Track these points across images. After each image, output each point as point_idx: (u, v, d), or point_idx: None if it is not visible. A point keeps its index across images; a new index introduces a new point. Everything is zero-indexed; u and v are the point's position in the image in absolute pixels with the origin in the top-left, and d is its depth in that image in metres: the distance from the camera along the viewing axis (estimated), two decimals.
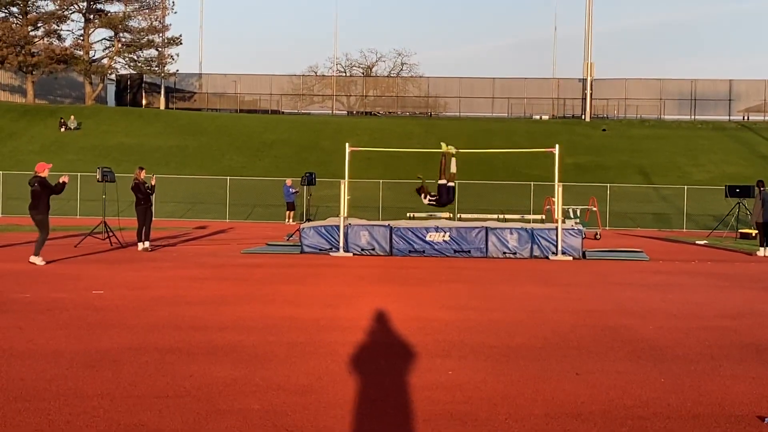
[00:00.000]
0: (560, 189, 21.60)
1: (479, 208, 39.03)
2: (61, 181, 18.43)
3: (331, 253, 20.97)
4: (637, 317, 10.67)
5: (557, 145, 22.82)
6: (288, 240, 24.93)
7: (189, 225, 36.19)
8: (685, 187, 43.97)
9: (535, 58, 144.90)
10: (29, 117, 65.20)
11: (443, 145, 22.74)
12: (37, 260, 17.42)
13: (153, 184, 21.84)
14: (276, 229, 33.29)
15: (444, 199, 22.20)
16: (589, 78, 69.54)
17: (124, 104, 76.00)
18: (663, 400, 6.15)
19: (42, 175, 18.09)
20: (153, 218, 21.89)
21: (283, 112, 77.57)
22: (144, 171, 22.24)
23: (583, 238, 21.23)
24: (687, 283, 15.56)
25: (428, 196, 22.41)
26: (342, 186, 21.59)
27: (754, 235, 31.13)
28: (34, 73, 72.00)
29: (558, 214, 21.12)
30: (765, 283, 15.79)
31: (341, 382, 6.57)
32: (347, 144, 23.04)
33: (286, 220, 39.24)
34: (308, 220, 26.07)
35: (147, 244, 21.37)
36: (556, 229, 20.74)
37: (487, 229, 21.15)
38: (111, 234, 21.89)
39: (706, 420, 5.60)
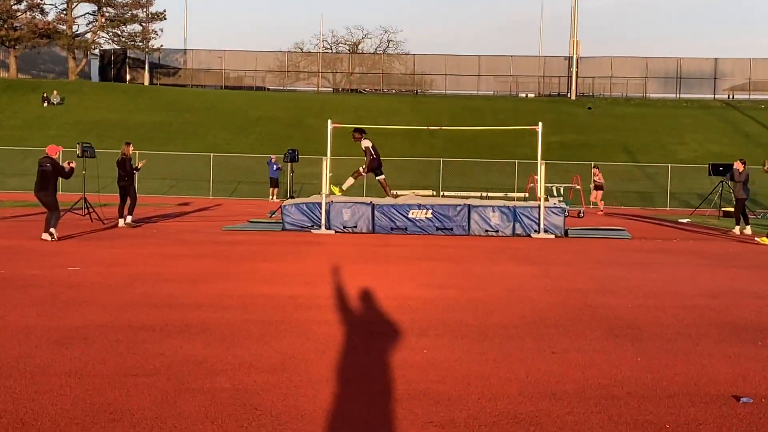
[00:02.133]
0: (543, 167, 21.51)
1: (464, 186, 39.42)
2: (68, 165, 18.62)
3: (312, 231, 20.85)
4: (616, 295, 10.65)
5: (540, 123, 22.68)
6: (270, 217, 24.81)
7: (172, 201, 36.03)
8: (669, 165, 44.02)
9: (521, 36, 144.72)
10: (11, 92, 64.74)
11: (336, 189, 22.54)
12: (52, 235, 17.40)
13: (139, 167, 21.73)
14: (260, 207, 33.08)
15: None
16: (575, 56, 69.54)
17: (107, 80, 75.48)
18: (639, 379, 6.14)
19: (53, 156, 18.24)
20: (137, 195, 21.76)
21: (268, 89, 77.32)
22: (131, 146, 22.06)
23: (565, 216, 21.21)
24: (668, 262, 15.64)
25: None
26: (324, 163, 21.45)
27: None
28: (16, 47, 71.64)
29: (540, 192, 21.07)
30: (744, 262, 15.88)
31: (314, 361, 6.53)
32: (329, 121, 22.96)
33: (270, 197, 39.08)
34: (291, 197, 25.94)
35: (129, 219, 21.25)
36: (539, 207, 20.73)
37: (469, 206, 21.07)
38: (91, 210, 21.78)
39: (682, 399, 5.60)
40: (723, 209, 31.28)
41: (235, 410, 5.10)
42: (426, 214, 21.12)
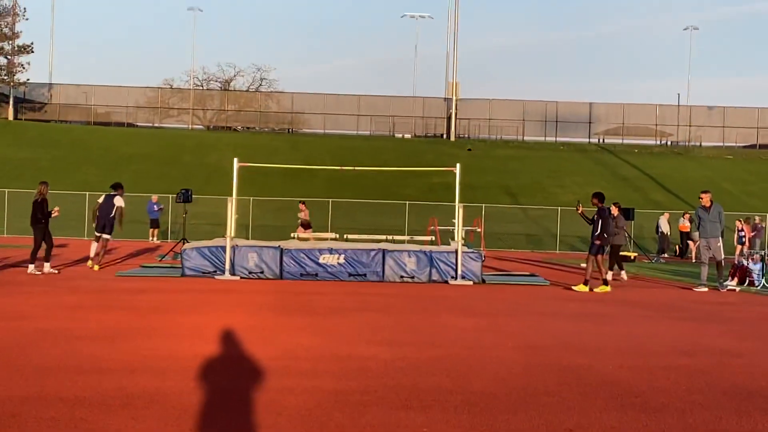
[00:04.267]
0: (461, 210, 21.27)
1: (353, 228, 38.74)
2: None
3: (215, 276, 19.92)
4: (586, 354, 10.19)
5: (458, 165, 22.81)
6: (161, 261, 23.61)
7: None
8: (559, 208, 44.73)
9: (400, 76, 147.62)
10: None
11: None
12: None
13: (55, 214, 20.91)
14: (138, 247, 31.90)
15: None
16: (454, 98, 70.78)
17: None
18: None
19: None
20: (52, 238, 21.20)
21: (137, 125, 75.76)
22: (48, 186, 21.40)
23: (482, 262, 20.89)
24: (609, 313, 15.50)
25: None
26: (229, 204, 20.57)
27: (632, 258, 31.65)
28: None
29: (458, 237, 20.61)
30: (685, 313, 15.91)
31: None
32: (235, 159, 22.01)
33: (150, 237, 37.58)
34: (184, 240, 24.82)
35: (48, 266, 20.49)
36: (456, 252, 20.27)
37: (384, 251, 20.52)
38: None
39: None
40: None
41: None
42: (338, 259, 20.43)
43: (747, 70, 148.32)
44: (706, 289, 20.15)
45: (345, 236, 26.05)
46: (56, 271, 20.62)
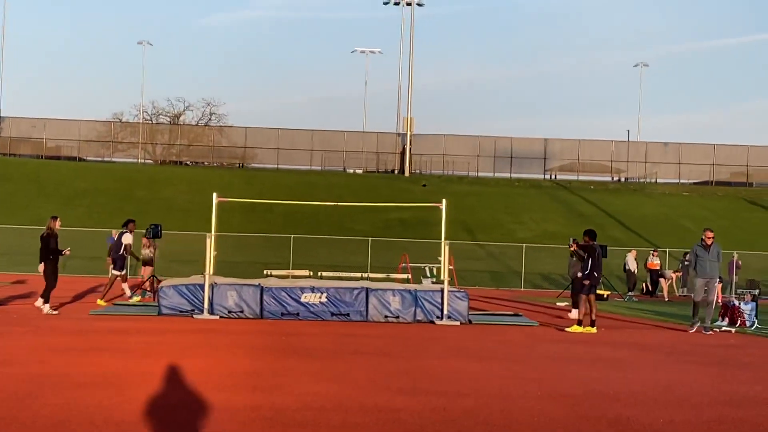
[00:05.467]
0: (447, 247, 21.06)
1: (311, 264, 38.52)
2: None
3: (194, 316, 19.60)
4: (626, 405, 9.83)
5: (444, 200, 22.66)
6: (129, 298, 23.44)
7: (3, 279, 33.86)
8: (523, 245, 45.12)
9: (352, 111, 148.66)
10: None
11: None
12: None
13: (66, 253, 20.66)
14: (95, 283, 31.33)
15: None
16: (408, 133, 71.02)
17: None
18: None
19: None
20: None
21: (87, 160, 75.25)
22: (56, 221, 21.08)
23: (468, 302, 20.74)
24: (622, 358, 15.40)
25: None
26: (208, 240, 20.26)
27: (605, 296, 31.83)
28: None
29: (444, 275, 20.52)
30: (695, 357, 15.85)
31: None
32: (214, 194, 21.94)
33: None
34: (153, 277, 24.62)
35: (48, 307, 20.19)
36: (442, 291, 20.14)
37: (367, 290, 20.22)
38: None
39: None
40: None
41: None
42: (320, 298, 20.12)
43: (699, 107, 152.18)
44: (710, 332, 20.27)
45: (320, 274, 25.83)
46: (56, 312, 20.27)
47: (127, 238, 23.17)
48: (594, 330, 19.55)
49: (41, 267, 20.37)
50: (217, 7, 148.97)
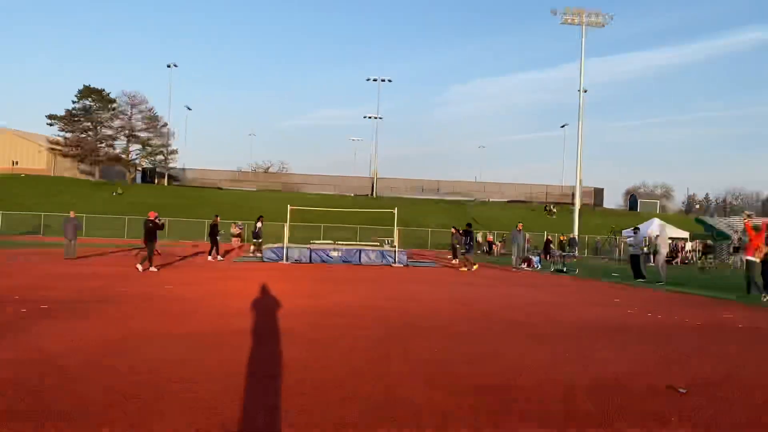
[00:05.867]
0: (397, 231, 28.92)
1: (333, 238, 46.99)
2: (160, 222, 20.63)
3: (279, 262, 26.11)
4: (482, 303, 13.37)
5: (396, 208, 29.48)
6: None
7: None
8: (430, 229, 56.46)
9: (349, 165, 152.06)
10: None
11: None
12: (143, 267, 19.39)
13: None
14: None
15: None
16: (375, 176, 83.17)
17: None
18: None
19: (152, 218, 20.37)
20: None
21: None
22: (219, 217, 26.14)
23: (406, 256, 27.38)
24: (480, 283, 19.22)
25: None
26: (285, 228, 27.43)
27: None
28: None
29: (396, 244, 28.38)
30: (515, 282, 20.08)
31: None
32: (288, 205, 29.24)
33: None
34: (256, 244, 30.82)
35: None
36: (395, 250, 27.13)
37: (360, 250, 27.20)
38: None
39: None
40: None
41: None
42: (338, 254, 27.16)
43: None
44: (518, 270, 25.84)
45: (335, 242, 32.22)
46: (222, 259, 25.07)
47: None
48: (470, 269, 25.59)
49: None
50: None
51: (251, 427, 5.15)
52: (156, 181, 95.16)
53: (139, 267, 19.47)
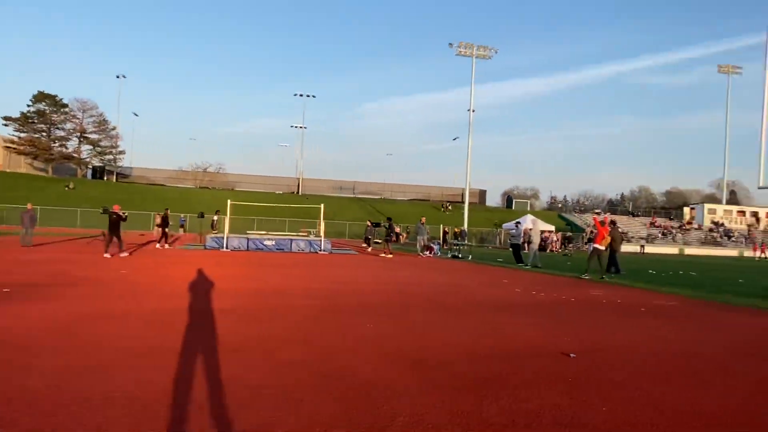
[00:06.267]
0: (323, 223, 29.36)
1: (266, 229, 46.98)
2: (124, 215, 19.62)
3: (220, 250, 25.64)
4: (403, 285, 13.33)
5: (322, 205, 29.69)
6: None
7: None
8: (347, 223, 55.89)
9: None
10: None
11: None
12: (124, 254, 18.96)
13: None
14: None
15: None
16: (300, 177, 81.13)
17: None
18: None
19: (116, 211, 19.50)
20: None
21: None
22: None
23: (330, 244, 27.73)
24: (397, 266, 19.74)
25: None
26: (226, 219, 28.14)
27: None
28: None
29: (321, 234, 28.70)
30: (420, 265, 20.66)
31: None
32: (228, 200, 29.06)
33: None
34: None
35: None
36: (321, 239, 27.50)
37: (291, 239, 27.26)
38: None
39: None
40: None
41: None
42: (272, 242, 27.00)
43: None
44: (423, 256, 26.46)
45: (268, 233, 31.91)
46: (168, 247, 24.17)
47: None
48: (390, 256, 26.03)
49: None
50: None
51: (204, 391, 5.01)
52: (105, 177, 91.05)
53: (123, 254, 19.00)
